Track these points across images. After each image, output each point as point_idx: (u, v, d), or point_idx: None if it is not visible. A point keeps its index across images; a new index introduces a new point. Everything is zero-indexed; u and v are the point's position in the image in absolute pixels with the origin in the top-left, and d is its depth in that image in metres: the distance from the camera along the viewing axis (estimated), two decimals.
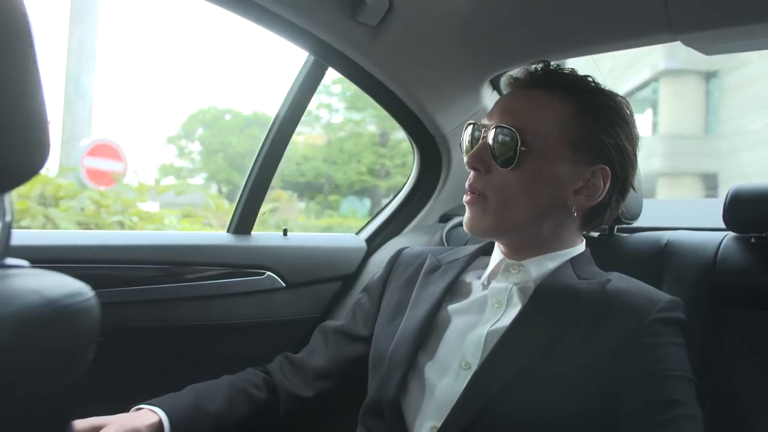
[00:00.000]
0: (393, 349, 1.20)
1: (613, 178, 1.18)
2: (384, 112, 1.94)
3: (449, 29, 1.64)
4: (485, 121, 1.21)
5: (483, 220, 1.19)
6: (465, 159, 1.21)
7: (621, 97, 1.22)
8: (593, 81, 1.22)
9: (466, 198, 1.21)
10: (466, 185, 1.21)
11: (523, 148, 1.14)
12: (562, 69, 1.22)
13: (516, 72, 1.27)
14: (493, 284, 1.21)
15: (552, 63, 1.24)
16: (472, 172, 1.20)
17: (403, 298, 1.30)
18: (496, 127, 1.17)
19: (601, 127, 1.18)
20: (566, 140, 1.16)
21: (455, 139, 1.99)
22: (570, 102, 1.17)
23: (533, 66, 1.23)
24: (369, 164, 13.61)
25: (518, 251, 1.22)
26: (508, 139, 1.15)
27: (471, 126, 1.24)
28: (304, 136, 13.91)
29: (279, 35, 1.59)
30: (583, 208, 1.21)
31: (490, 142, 1.17)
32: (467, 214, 1.21)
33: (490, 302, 1.18)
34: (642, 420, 0.98)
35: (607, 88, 1.23)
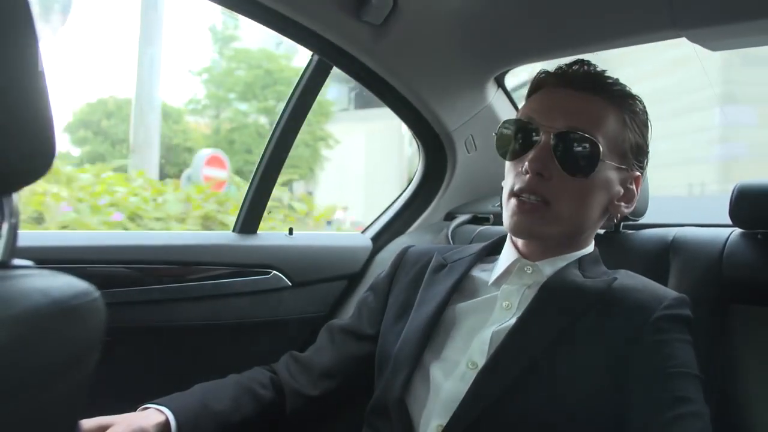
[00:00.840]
0: (399, 348, 1.20)
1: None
2: (272, 104, 1.94)
3: (453, 27, 1.64)
4: (543, 121, 1.15)
5: (545, 226, 1.14)
6: (525, 164, 1.13)
7: (641, 99, 1.23)
8: (623, 85, 1.21)
9: (521, 204, 1.14)
10: (516, 191, 1.14)
11: (601, 160, 1.12)
12: (602, 71, 1.20)
13: (559, 69, 1.21)
14: (505, 286, 1.19)
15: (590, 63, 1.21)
16: (527, 177, 1.13)
17: (410, 297, 1.29)
18: (570, 132, 1.12)
19: (642, 134, 1.19)
20: (618, 148, 1.16)
21: (460, 137, 1.99)
22: (620, 109, 1.17)
23: (575, 66, 1.19)
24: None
25: (543, 252, 1.20)
26: (584, 147, 1.11)
27: (519, 123, 1.18)
28: (193, 125, 14.10)
29: (284, 35, 1.59)
30: (621, 216, 1.22)
31: (558, 145, 1.12)
32: (523, 218, 1.14)
33: (500, 303, 1.17)
34: (649, 417, 0.98)
35: (631, 92, 1.21)
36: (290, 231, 1.92)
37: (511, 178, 1.18)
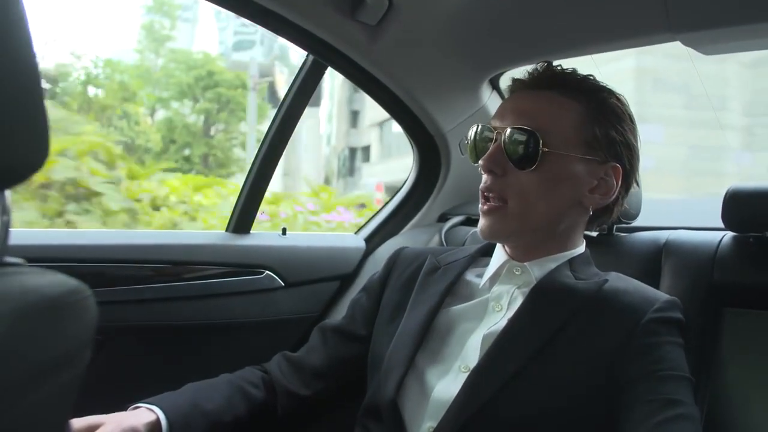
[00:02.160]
0: (391, 351, 1.20)
1: (623, 175, 1.20)
2: (212, 106, 1.95)
3: (449, 29, 1.64)
4: (496, 123, 1.20)
5: (504, 225, 1.17)
6: (479, 162, 1.19)
7: (620, 94, 1.24)
8: (595, 80, 1.23)
9: (483, 206, 1.19)
10: (481, 189, 1.20)
11: (544, 149, 1.14)
12: (566, 69, 1.23)
13: (520, 73, 1.26)
14: (496, 287, 1.21)
15: (554, 63, 1.24)
16: (486, 177, 1.19)
17: (403, 299, 1.29)
18: (513, 128, 1.16)
19: (611, 124, 1.19)
20: (580, 140, 1.17)
21: (454, 139, 1.99)
22: (580, 102, 1.18)
23: (537, 66, 1.23)
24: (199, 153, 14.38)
25: (526, 253, 1.21)
26: (525, 139, 1.14)
27: (478, 127, 1.23)
28: None
29: (278, 34, 1.59)
30: (597, 207, 1.22)
31: (506, 143, 1.16)
32: (485, 222, 1.19)
33: (491, 305, 1.18)
34: (639, 419, 0.98)
35: (608, 86, 1.23)
36: (283, 231, 1.92)
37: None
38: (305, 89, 1.77)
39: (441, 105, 1.90)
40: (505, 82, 2.00)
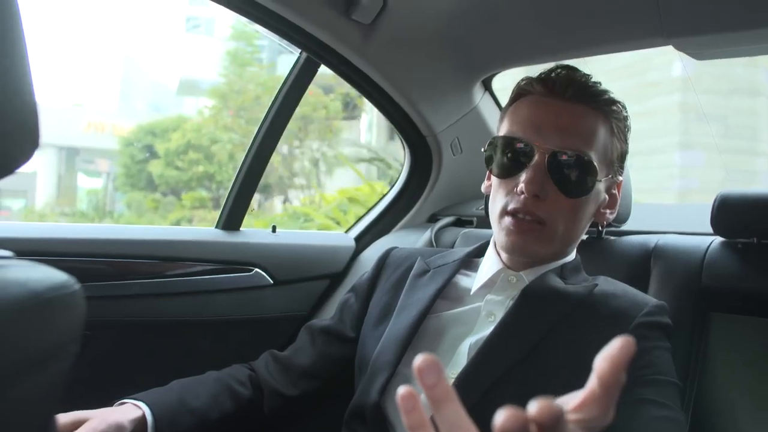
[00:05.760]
0: (377, 354, 1.19)
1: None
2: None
3: (443, 29, 1.64)
4: (533, 137, 1.12)
5: (543, 246, 1.14)
6: (519, 185, 1.11)
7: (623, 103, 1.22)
8: (606, 90, 1.19)
9: (517, 224, 1.12)
10: (512, 210, 1.12)
11: (598, 180, 1.12)
12: (587, 76, 1.18)
13: (543, 75, 1.18)
14: (489, 296, 1.18)
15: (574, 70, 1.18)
16: (522, 197, 1.11)
17: (391, 302, 1.28)
18: (565, 153, 1.10)
19: (625, 140, 1.19)
20: (607, 159, 1.16)
21: (446, 140, 1.99)
22: (607, 119, 1.15)
23: (558, 71, 1.17)
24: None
25: (525, 264, 1.19)
26: (579, 168, 1.10)
27: (511, 141, 1.14)
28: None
29: (272, 31, 1.59)
30: (605, 221, 1.23)
31: (554, 166, 1.10)
32: (519, 240, 1.12)
33: (483, 314, 1.16)
34: (625, 423, 0.98)
35: (615, 97, 1.19)
36: (273, 229, 1.91)
37: (502, 195, 1.16)
38: (297, 87, 1.77)
39: (433, 105, 1.90)
40: (497, 83, 2.00)
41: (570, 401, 0.52)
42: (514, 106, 1.20)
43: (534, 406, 0.47)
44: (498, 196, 1.17)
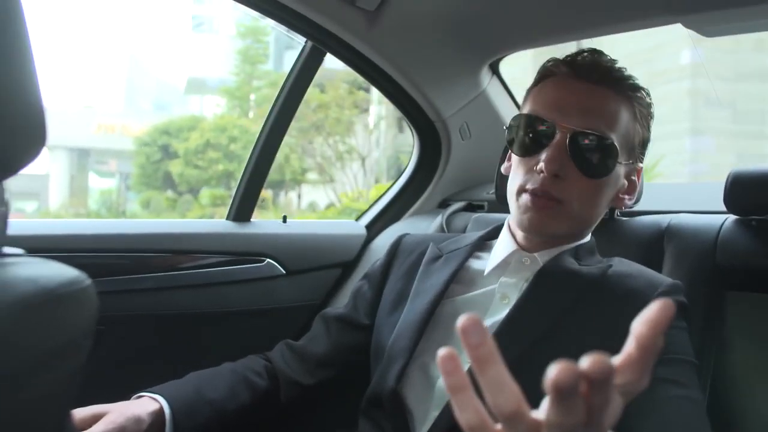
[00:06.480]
0: (393, 341, 1.19)
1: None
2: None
3: (448, 13, 1.63)
4: (555, 116, 1.11)
5: (560, 224, 1.14)
6: (540, 164, 1.10)
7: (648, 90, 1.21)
8: (631, 75, 1.18)
9: (535, 201, 1.11)
10: (531, 189, 1.12)
11: (618, 162, 1.12)
12: (613, 61, 1.17)
13: (572, 60, 1.16)
14: (504, 279, 1.18)
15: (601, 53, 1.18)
16: (541, 176, 1.10)
17: (405, 288, 1.28)
18: (587, 134, 1.10)
19: (648, 127, 1.19)
20: (628, 144, 1.15)
21: (455, 124, 1.98)
22: (630, 104, 1.15)
23: (584, 54, 1.16)
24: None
25: (540, 244, 1.19)
26: (601, 149, 1.10)
27: (534, 120, 1.14)
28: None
29: (276, 21, 1.58)
30: (623, 207, 1.23)
31: (575, 146, 1.10)
32: (537, 217, 1.12)
33: (497, 297, 1.16)
34: (642, 401, 0.98)
35: (639, 83, 1.18)
36: (284, 219, 1.91)
37: (521, 174, 1.15)
38: (303, 76, 1.76)
39: (441, 90, 1.89)
40: (504, 66, 1.99)
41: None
42: (539, 87, 1.20)
43: (586, 361, 0.47)
44: (517, 175, 1.17)
